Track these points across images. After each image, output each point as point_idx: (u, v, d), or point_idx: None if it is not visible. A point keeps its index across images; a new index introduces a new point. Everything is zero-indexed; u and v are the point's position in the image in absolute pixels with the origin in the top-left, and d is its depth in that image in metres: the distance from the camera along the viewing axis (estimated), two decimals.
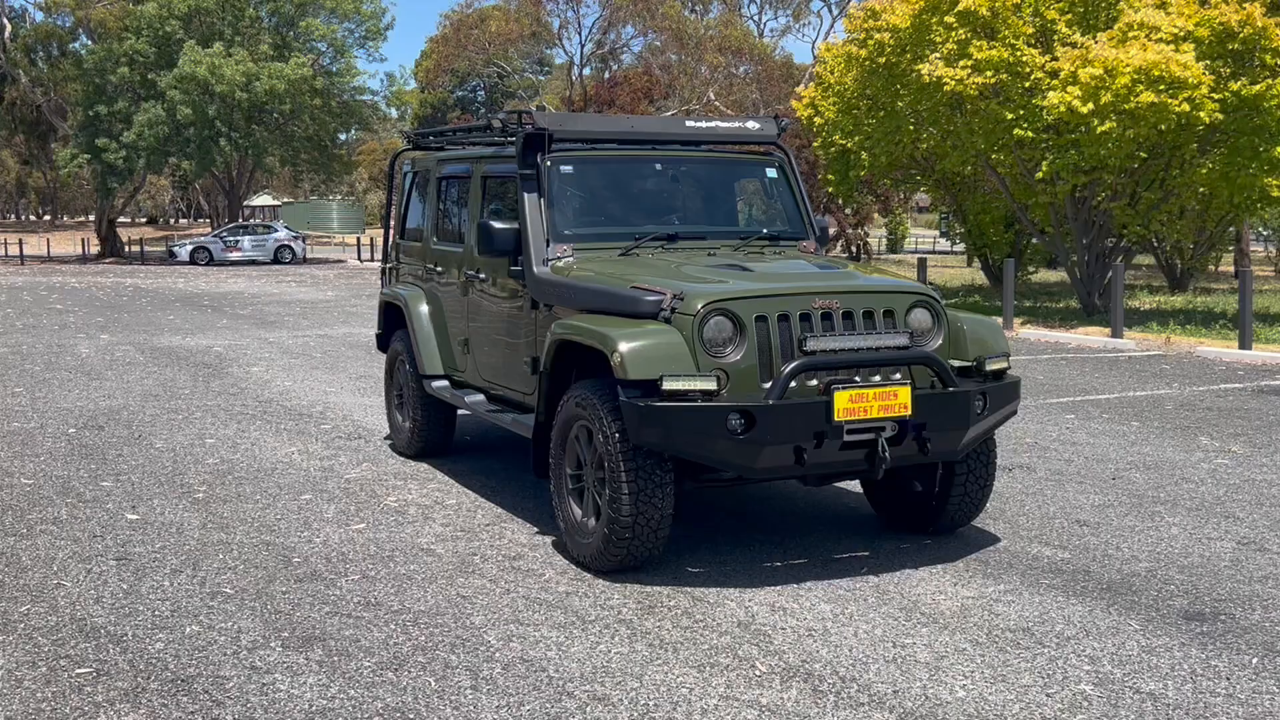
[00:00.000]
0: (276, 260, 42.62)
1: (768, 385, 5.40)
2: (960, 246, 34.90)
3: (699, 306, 5.41)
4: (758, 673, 4.47)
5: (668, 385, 5.25)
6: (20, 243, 45.95)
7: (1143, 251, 28.77)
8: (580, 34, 32.75)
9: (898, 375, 5.64)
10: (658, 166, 7.07)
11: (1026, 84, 18.06)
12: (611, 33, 36.88)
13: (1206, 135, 17.72)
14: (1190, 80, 16.37)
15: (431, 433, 8.12)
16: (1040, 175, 18.35)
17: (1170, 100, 16.35)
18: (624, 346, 5.35)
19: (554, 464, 5.99)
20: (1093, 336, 16.31)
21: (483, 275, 7.16)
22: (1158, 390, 11.45)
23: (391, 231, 9.00)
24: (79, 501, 7.03)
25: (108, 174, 42.88)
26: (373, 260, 43.61)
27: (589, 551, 5.65)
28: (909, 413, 5.46)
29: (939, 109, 19.55)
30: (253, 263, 42.06)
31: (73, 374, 12.70)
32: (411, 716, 4.06)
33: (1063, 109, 16.87)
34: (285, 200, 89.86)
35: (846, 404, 5.34)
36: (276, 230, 44.36)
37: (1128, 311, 19.75)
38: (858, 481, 6.73)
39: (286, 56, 42.39)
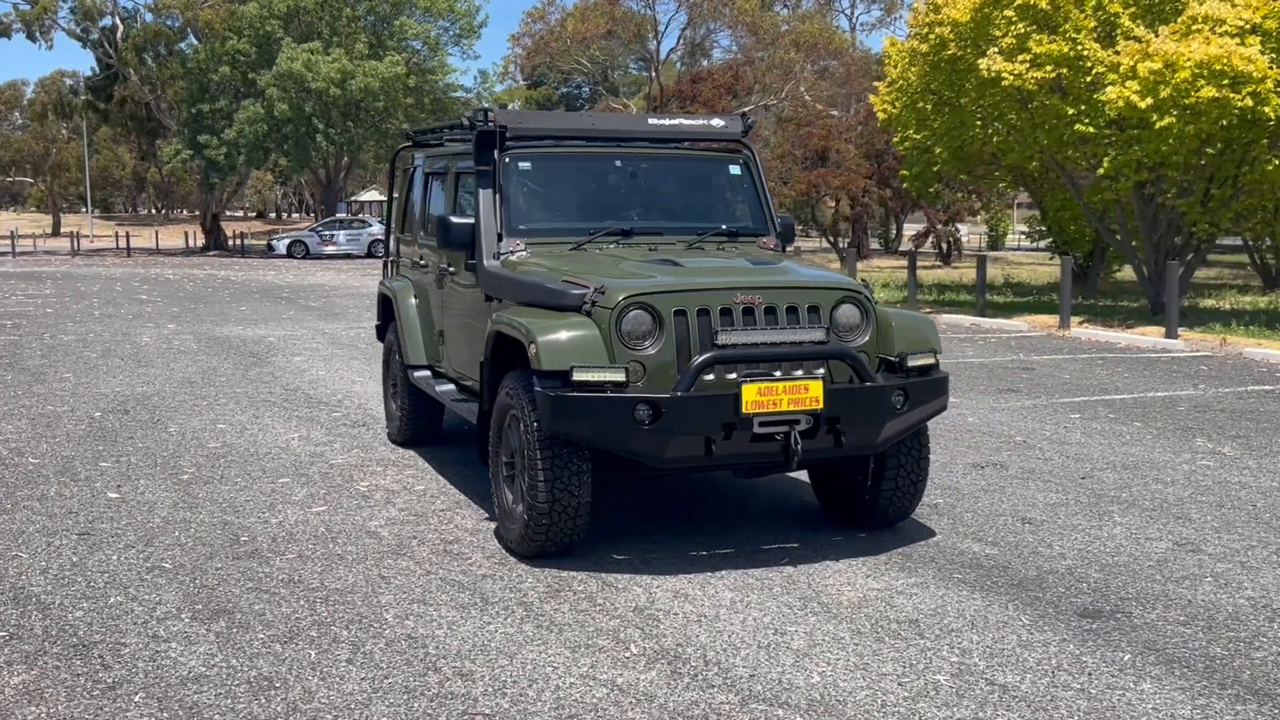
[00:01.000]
0: (370, 254, 43.53)
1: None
2: (1043, 244, 34.20)
3: (617, 300, 5.56)
4: (628, 654, 4.62)
5: (578, 376, 5.42)
6: (127, 235, 47.72)
7: (1238, 250, 27.97)
8: (658, 31, 32.88)
9: (821, 370, 5.73)
10: (617, 163, 7.22)
11: (1088, 79, 17.74)
12: (691, 30, 36.96)
13: (1278, 130, 17.21)
14: (1254, 74, 15.95)
15: (418, 421, 8.39)
16: (1102, 171, 18.02)
17: (1233, 95, 15.95)
18: (539, 338, 5.54)
19: (491, 451, 6.20)
20: (1147, 336, 15.98)
21: (451, 269, 7.40)
22: (1180, 391, 11.24)
23: (393, 226, 9.30)
24: (71, 480, 7.43)
25: (210, 170, 44.30)
26: None
27: (514, 537, 5.85)
28: (820, 406, 5.54)
29: (1002, 104, 19.32)
30: (347, 256, 43.06)
31: (124, 361, 13.28)
32: (278, 684, 4.30)
33: (1121, 104, 16.56)
34: (394, 197, 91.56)
35: (755, 397, 5.44)
36: (371, 225, 45.36)
37: (1201, 311, 19.32)
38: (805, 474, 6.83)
39: (381, 55, 43.32)
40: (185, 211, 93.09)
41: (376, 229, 44.96)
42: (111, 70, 48.97)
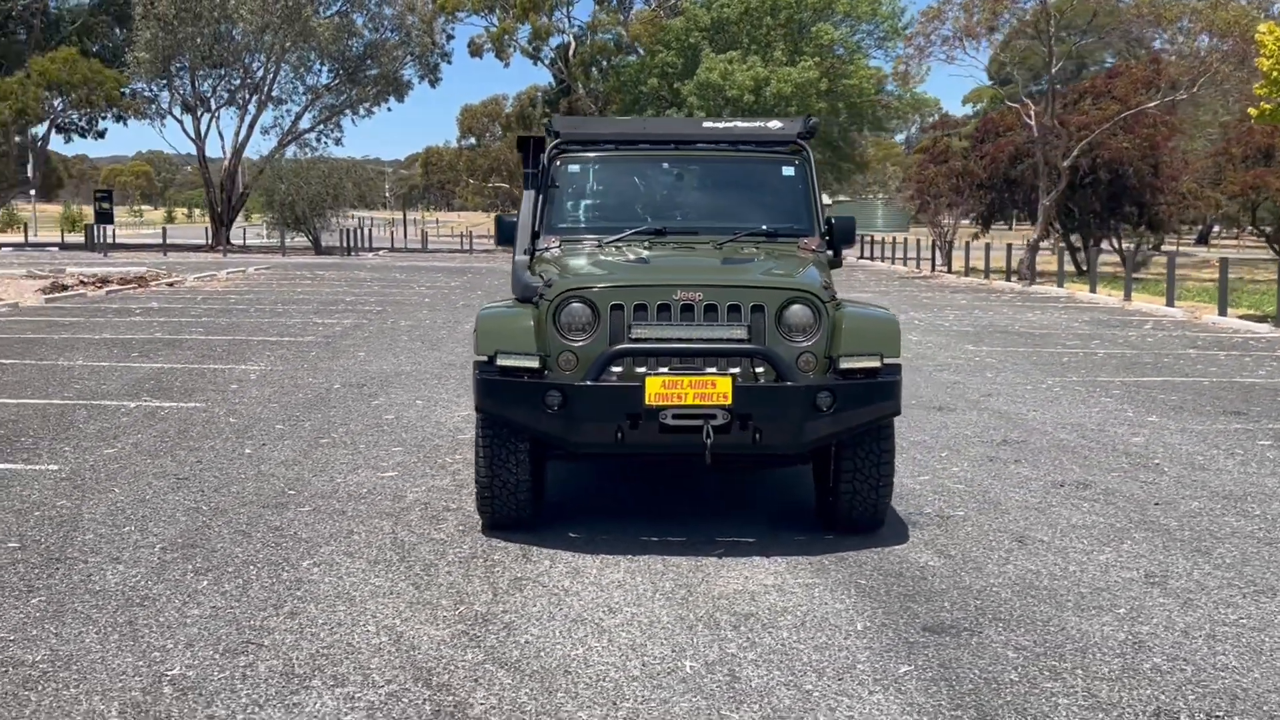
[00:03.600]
0: None
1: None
2: None
3: (556, 294, 5.97)
4: (450, 614, 5.04)
5: (500, 361, 5.89)
6: None
7: None
8: (1051, 24, 31.14)
9: (760, 368, 5.82)
10: (665, 166, 7.52)
11: None
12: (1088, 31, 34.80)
13: None
14: None
15: None
16: None
17: None
18: (480, 326, 6.07)
19: None
20: None
21: None
22: None
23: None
24: (237, 437, 8.77)
25: None
26: (869, 258, 44.36)
27: (477, 509, 6.40)
28: (729, 402, 5.65)
29: None
30: None
31: (421, 345, 14.96)
32: (147, 604, 5.10)
33: None
34: (839, 199, 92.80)
35: (659, 389, 5.66)
36: None
37: None
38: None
39: (798, 61, 44.26)
40: None
41: None
42: (564, 84, 53.36)
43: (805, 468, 6.77)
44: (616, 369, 5.82)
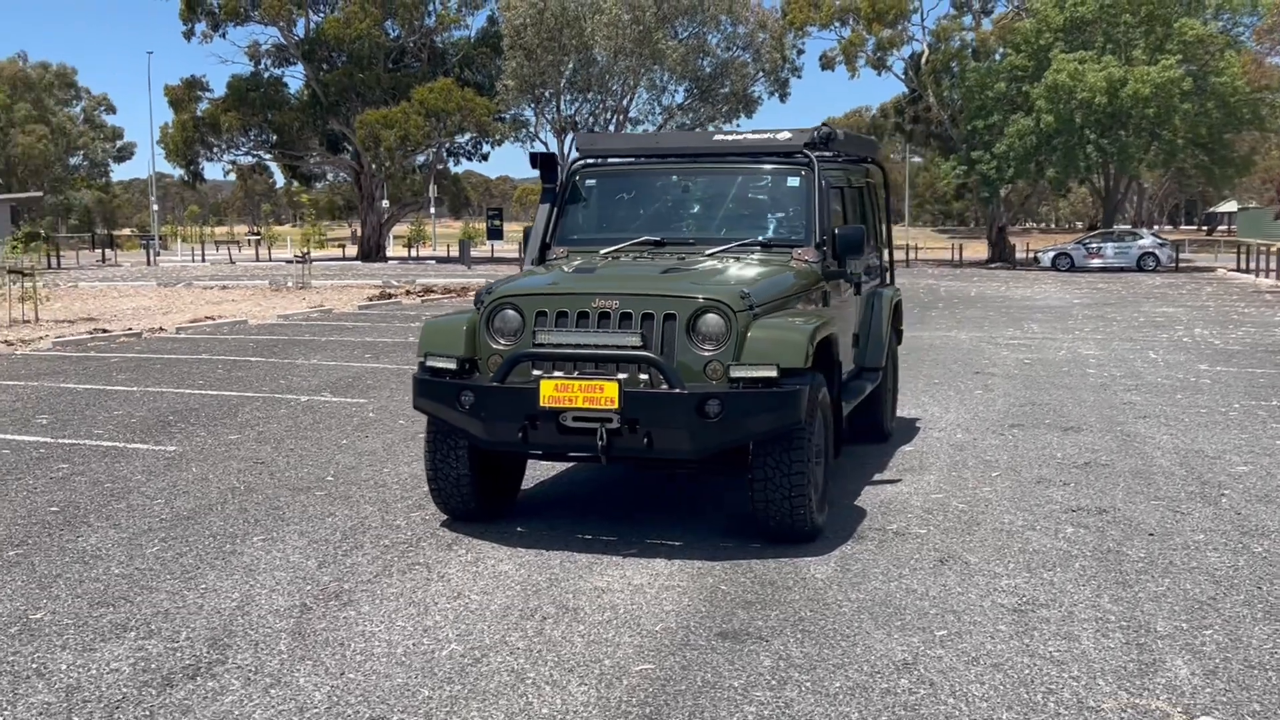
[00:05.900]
0: (1139, 267, 41.81)
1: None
2: None
3: (490, 300, 6.36)
4: (305, 590, 5.51)
5: (428, 363, 6.36)
6: (910, 249, 50.89)
7: None
8: None
9: (638, 375, 5.97)
10: (674, 178, 7.67)
11: None
12: None
13: None
14: None
15: None
16: None
17: None
18: (422, 329, 6.55)
19: None
20: None
21: None
22: None
23: None
24: (353, 430, 9.66)
25: (981, 184, 45.75)
26: (1242, 269, 40.70)
27: None
28: (616, 406, 5.82)
29: None
30: (1118, 270, 41.70)
31: None
32: (90, 561, 5.94)
33: None
34: (1245, 205, 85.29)
35: (552, 392, 5.92)
36: (1142, 238, 43.54)
37: None
38: None
39: (1158, 60, 41.33)
40: (1024, 223, 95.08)
41: (1147, 241, 43.11)
42: (915, 93, 52.53)
43: None
44: (537, 372, 6.13)
